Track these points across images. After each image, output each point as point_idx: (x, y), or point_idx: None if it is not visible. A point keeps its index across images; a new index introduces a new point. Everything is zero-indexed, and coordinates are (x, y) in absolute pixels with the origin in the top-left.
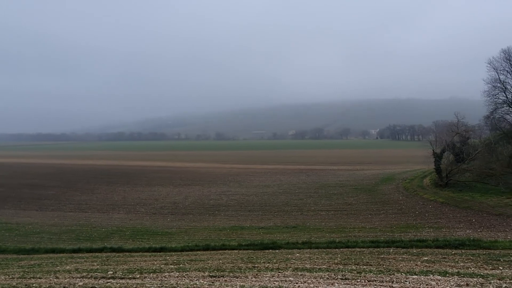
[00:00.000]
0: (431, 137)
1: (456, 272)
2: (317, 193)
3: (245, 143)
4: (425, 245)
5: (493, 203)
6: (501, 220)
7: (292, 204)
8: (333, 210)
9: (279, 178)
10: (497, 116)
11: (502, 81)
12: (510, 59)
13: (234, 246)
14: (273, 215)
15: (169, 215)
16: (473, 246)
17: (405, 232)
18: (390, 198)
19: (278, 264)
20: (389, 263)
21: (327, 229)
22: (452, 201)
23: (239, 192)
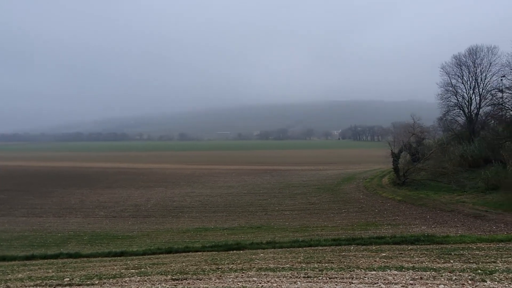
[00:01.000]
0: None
1: (411, 267)
2: (281, 193)
3: (210, 144)
4: (384, 241)
5: (446, 200)
6: (452, 216)
7: (257, 204)
8: (296, 210)
9: (244, 178)
10: (449, 118)
11: (453, 85)
12: (461, 65)
13: (198, 248)
14: (238, 215)
15: (131, 218)
16: (427, 241)
17: (365, 229)
18: (351, 197)
19: (242, 265)
20: (350, 260)
21: (291, 229)
22: (409, 199)
23: (204, 193)
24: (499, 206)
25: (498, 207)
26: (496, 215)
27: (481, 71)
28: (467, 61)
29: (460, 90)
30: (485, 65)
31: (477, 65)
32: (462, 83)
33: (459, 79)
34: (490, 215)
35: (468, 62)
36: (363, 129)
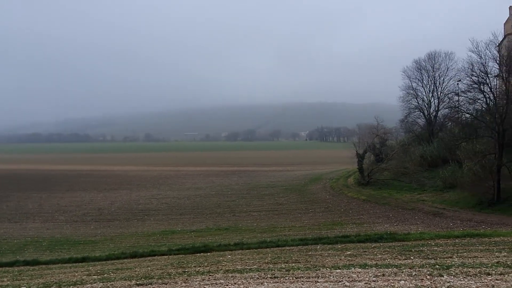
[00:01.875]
0: (355, 139)
1: (375, 264)
2: (249, 194)
3: (177, 145)
4: (349, 240)
5: (407, 199)
6: (413, 214)
7: (225, 206)
8: (264, 211)
9: (212, 180)
10: (410, 120)
11: (414, 88)
12: (421, 69)
13: (164, 251)
14: (205, 217)
15: (93, 222)
16: (390, 239)
17: (331, 229)
18: (318, 197)
19: (209, 267)
20: (316, 259)
21: (258, 230)
22: (373, 198)
23: (170, 195)
24: (455, 204)
25: (455, 205)
26: (453, 212)
27: (439, 75)
28: (427, 66)
29: (420, 93)
30: (443, 70)
31: (436, 70)
32: (422, 86)
33: (419, 82)
34: (448, 213)
35: (428, 67)
36: (329, 130)
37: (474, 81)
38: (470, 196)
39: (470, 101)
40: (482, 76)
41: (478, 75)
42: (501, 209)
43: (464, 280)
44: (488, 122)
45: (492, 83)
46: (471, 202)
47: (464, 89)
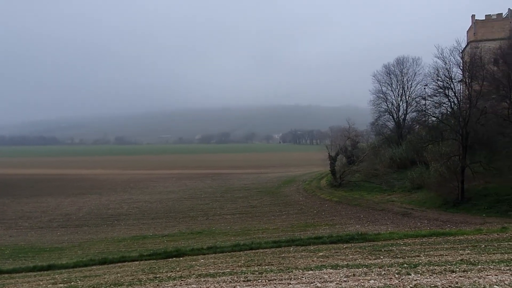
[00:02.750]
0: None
1: (346, 264)
2: (223, 197)
3: (149, 148)
4: (321, 241)
5: (377, 200)
6: (383, 215)
7: (198, 209)
8: (238, 213)
9: (185, 183)
10: (380, 123)
11: (384, 92)
12: (390, 73)
13: (135, 257)
14: (178, 221)
15: (60, 229)
16: (361, 239)
17: (305, 230)
18: (291, 199)
19: (181, 272)
20: (289, 261)
21: (232, 233)
22: (345, 199)
23: (142, 199)
24: (423, 204)
25: (422, 205)
26: (421, 212)
27: (407, 80)
28: (396, 70)
29: (389, 97)
30: (410, 75)
31: (404, 74)
32: (391, 90)
33: (389, 86)
34: (416, 213)
35: (396, 71)
36: (302, 133)
37: (439, 85)
38: (436, 196)
39: (436, 105)
40: (446, 81)
41: (443, 80)
42: (465, 208)
43: (430, 278)
44: (452, 125)
45: (456, 88)
46: (437, 202)
47: (431, 93)
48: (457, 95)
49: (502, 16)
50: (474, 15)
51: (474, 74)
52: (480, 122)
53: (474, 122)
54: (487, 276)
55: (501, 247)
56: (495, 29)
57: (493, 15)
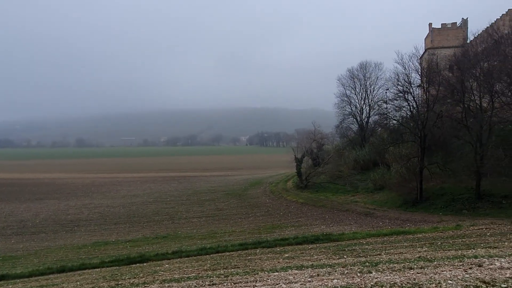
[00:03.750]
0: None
1: (311, 265)
2: (189, 200)
3: (112, 150)
4: (287, 243)
5: (342, 201)
6: (347, 215)
7: (163, 213)
8: (204, 217)
9: (150, 186)
10: (344, 126)
11: (348, 96)
12: (354, 77)
13: (96, 264)
14: (142, 226)
15: (14, 236)
16: (326, 240)
17: (271, 232)
18: (258, 201)
19: (144, 278)
20: (255, 263)
21: (198, 236)
22: (311, 201)
23: (104, 203)
24: (384, 204)
25: (384, 205)
26: (382, 212)
27: (370, 84)
28: (359, 75)
29: (353, 100)
30: (373, 79)
31: (367, 79)
32: (355, 94)
33: (353, 90)
34: (378, 212)
35: (360, 76)
36: (269, 135)
37: (399, 90)
38: (397, 196)
39: (397, 109)
40: (406, 86)
41: (403, 85)
42: (423, 207)
43: (390, 276)
44: (411, 128)
45: (415, 93)
46: (398, 202)
47: (391, 97)
48: (415, 99)
49: (457, 25)
50: (431, 24)
51: (431, 80)
52: (437, 125)
53: (431, 125)
54: (442, 272)
55: (456, 243)
56: (450, 37)
57: (449, 24)
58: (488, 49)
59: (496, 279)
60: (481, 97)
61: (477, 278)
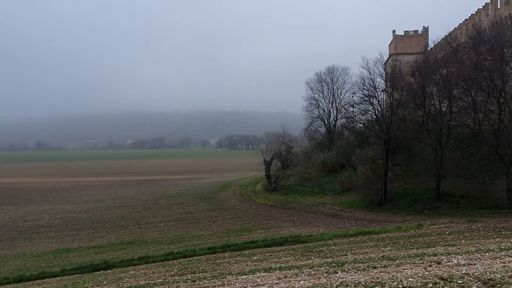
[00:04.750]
0: (263, 146)
1: (279, 267)
2: (157, 204)
3: (75, 154)
4: (256, 245)
5: (310, 203)
6: (315, 217)
7: (129, 218)
8: (172, 221)
9: (115, 190)
10: (313, 129)
11: (316, 99)
12: (321, 81)
13: (57, 272)
14: (107, 231)
15: None
16: (294, 241)
17: (240, 235)
18: (227, 204)
19: (108, 286)
20: (223, 267)
21: (166, 241)
22: (279, 203)
23: (66, 209)
24: (351, 205)
25: (350, 206)
26: (349, 213)
27: (337, 88)
28: (327, 79)
29: (321, 104)
30: (340, 83)
31: (334, 83)
32: (323, 97)
33: (321, 94)
34: (345, 214)
35: (327, 80)
36: (238, 138)
37: (365, 94)
38: (363, 197)
39: (363, 112)
40: (371, 90)
41: (368, 89)
42: (388, 208)
43: (355, 275)
44: (376, 131)
45: (380, 97)
46: (364, 203)
47: (358, 101)
48: (380, 103)
49: (418, 32)
50: (394, 31)
51: (394, 85)
52: (400, 129)
53: (395, 128)
54: (404, 270)
55: (417, 242)
56: (412, 44)
57: (411, 31)
58: (447, 56)
59: (453, 275)
60: (441, 102)
61: (436, 275)
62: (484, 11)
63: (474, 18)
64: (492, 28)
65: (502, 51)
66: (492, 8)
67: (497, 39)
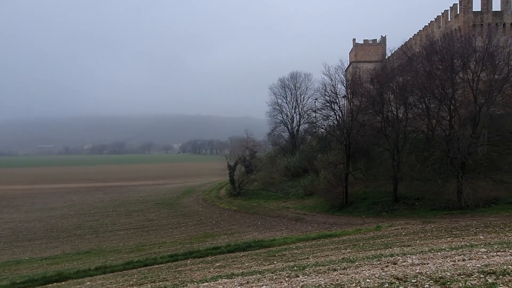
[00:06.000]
0: (227, 151)
1: (241, 273)
2: (116, 212)
3: (28, 160)
4: (219, 251)
5: (274, 207)
6: (279, 221)
7: (86, 227)
8: (133, 228)
9: (71, 198)
10: (276, 133)
11: (279, 104)
12: (285, 87)
13: (5, 286)
14: (62, 241)
15: None
16: (257, 246)
17: (203, 241)
18: (190, 210)
19: None
20: (185, 274)
21: (125, 250)
22: (243, 208)
23: (16, 218)
24: (313, 209)
25: (313, 210)
26: (312, 217)
27: (300, 94)
28: (290, 84)
29: (284, 109)
30: (303, 89)
31: (297, 88)
32: (286, 103)
33: (284, 99)
34: (307, 217)
35: (291, 85)
36: (202, 142)
37: (327, 100)
38: (325, 201)
39: (324, 118)
40: (333, 96)
41: (330, 95)
42: (348, 211)
43: (316, 278)
44: (338, 136)
45: (341, 103)
46: (326, 206)
47: (320, 107)
48: (341, 109)
49: (377, 42)
50: (355, 39)
51: (355, 91)
52: (360, 134)
53: (355, 133)
54: (362, 271)
55: (375, 244)
56: (371, 52)
57: (370, 40)
58: (403, 65)
59: (408, 275)
60: (397, 108)
61: (391, 275)
62: (436, 23)
63: (427, 29)
64: (443, 39)
65: (452, 61)
66: (443, 20)
67: (447, 50)
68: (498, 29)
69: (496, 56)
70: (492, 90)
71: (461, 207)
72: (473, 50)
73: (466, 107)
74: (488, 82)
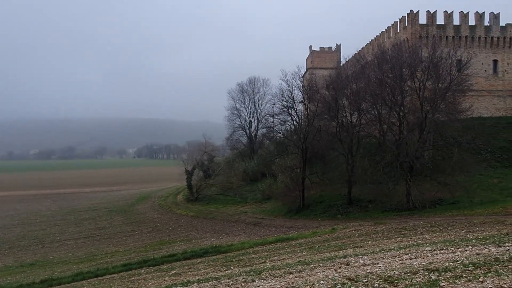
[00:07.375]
0: (185, 155)
1: (197, 280)
2: (65, 220)
3: None
4: (175, 259)
5: (232, 212)
6: (237, 226)
7: (31, 237)
8: (83, 238)
9: (15, 207)
10: (234, 138)
11: (238, 109)
12: (243, 92)
13: None
14: (3, 253)
15: None
16: (215, 252)
17: (159, 249)
18: (145, 217)
19: None
20: (139, 284)
21: (74, 260)
22: (201, 213)
23: None
24: (271, 213)
25: (271, 214)
26: (269, 221)
27: (258, 99)
28: (248, 89)
29: (243, 114)
30: (261, 94)
31: (256, 93)
32: (244, 107)
33: (242, 104)
34: (265, 221)
35: (249, 90)
36: (159, 147)
37: (284, 105)
38: (282, 205)
39: (282, 123)
40: (290, 102)
41: (287, 101)
42: (305, 214)
43: (272, 282)
44: (295, 141)
45: (298, 108)
46: (283, 210)
47: (277, 111)
48: (298, 114)
49: (332, 49)
50: (311, 46)
51: (311, 97)
52: (316, 139)
53: (311, 138)
54: (317, 273)
55: (330, 246)
56: (327, 59)
57: (326, 48)
58: (356, 72)
59: (359, 275)
60: (351, 114)
61: (344, 276)
62: (387, 33)
63: (379, 39)
64: (393, 49)
65: (401, 70)
66: (393, 31)
67: (397, 60)
68: (442, 41)
69: (439, 66)
70: (437, 98)
71: (410, 208)
72: (420, 60)
73: (414, 113)
74: (433, 90)
